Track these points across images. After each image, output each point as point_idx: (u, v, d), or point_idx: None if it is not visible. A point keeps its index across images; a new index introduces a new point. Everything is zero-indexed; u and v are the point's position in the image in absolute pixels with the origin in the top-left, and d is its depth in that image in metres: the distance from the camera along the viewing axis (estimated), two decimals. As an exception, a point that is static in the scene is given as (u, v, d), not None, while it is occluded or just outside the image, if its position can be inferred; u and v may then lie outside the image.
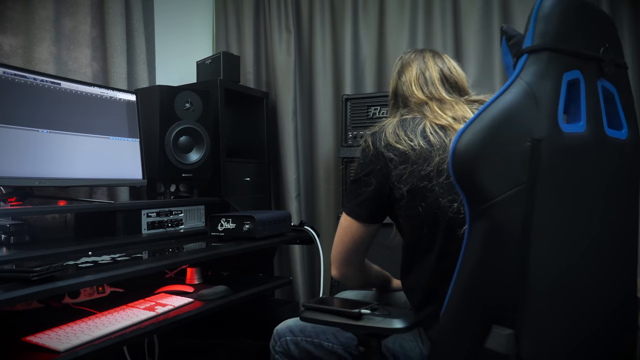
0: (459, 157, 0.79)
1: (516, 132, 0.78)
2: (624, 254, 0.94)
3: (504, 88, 0.80)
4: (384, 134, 1.11)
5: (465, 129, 0.80)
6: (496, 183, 0.77)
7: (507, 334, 0.77)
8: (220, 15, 2.81)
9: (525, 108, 0.78)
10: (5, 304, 0.95)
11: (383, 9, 2.45)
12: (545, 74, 0.80)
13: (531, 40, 0.81)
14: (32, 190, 1.59)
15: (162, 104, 1.91)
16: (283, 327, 1.30)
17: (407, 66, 1.24)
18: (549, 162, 0.78)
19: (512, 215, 0.77)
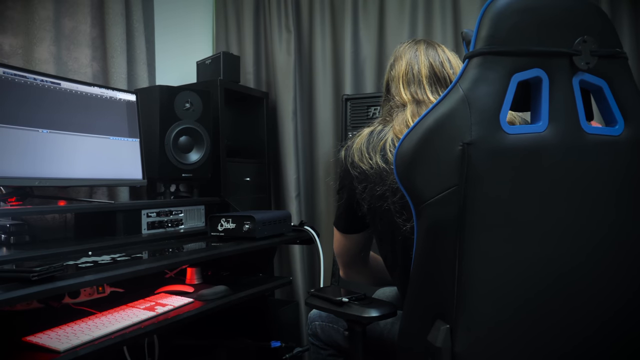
0: (399, 162, 0.87)
1: (448, 138, 0.81)
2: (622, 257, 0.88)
3: (442, 96, 0.84)
4: (352, 150, 1.15)
5: (405, 138, 0.86)
6: (430, 186, 0.83)
7: (444, 328, 0.81)
8: (220, 15, 2.81)
9: (458, 114, 0.81)
10: (5, 304, 0.95)
11: (383, 9, 2.45)
12: (482, 78, 0.81)
13: (473, 45, 0.82)
14: (32, 190, 1.59)
15: (162, 104, 1.91)
16: (315, 313, 1.41)
17: (399, 59, 1.21)
18: (486, 165, 0.80)
19: (445, 216, 0.81)
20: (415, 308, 0.92)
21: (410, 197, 0.86)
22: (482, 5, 2.24)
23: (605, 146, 0.86)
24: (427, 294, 0.88)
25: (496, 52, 0.81)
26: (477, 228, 0.80)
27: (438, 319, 0.83)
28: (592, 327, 0.88)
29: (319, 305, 1.18)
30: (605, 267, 0.88)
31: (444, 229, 0.82)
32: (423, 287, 0.89)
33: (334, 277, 2.10)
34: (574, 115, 0.84)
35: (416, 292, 0.91)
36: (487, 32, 0.81)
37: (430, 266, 0.86)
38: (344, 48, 2.50)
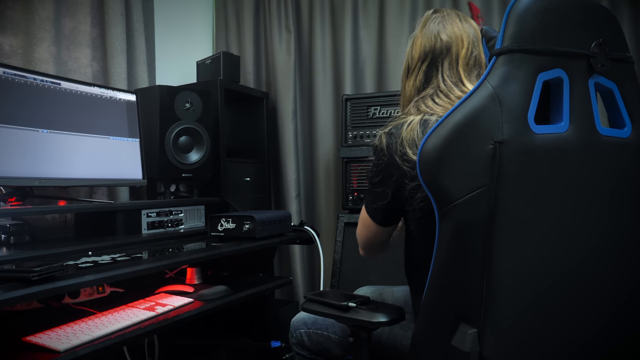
0: (424, 161, 0.83)
1: (478, 136, 0.79)
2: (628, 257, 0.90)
3: (470, 92, 0.82)
4: (400, 138, 1.01)
5: (431, 134, 0.82)
6: (459, 185, 0.80)
7: (471, 332, 0.79)
8: (220, 15, 2.81)
9: (488, 112, 0.79)
10: (5, 304, 0.95)
11: (383, 9, 2.45)
12: (511, 76, 0.80)
13: (501, 42, 0.81)
14: (32, 190, 1.59)
15: (162, 104, 1.91)
16: (298, 320, 1.35)
17: (452, 22, 1.09)
18: (516, 165, 0.79)
19: (475, 217, 0.79)
20: (435, 312, 0.88)
21: (435, 198, 0.83)
22: (481, 6, 2.26)
23: (617, 147, 0.88)
24: (450, 298, 0.84)
25: (524, 50, 0.80)
26: (506, 229, 0.78)
27: (462, 323, 0.80)
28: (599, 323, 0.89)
29: (319, 310, 1.13)
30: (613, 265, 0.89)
31: (473, 231, 0.79)
32: (445, 290, 0.85)
33: (334, 278, 2.10)
34: (590, 116, 0.85)
35: (436, 295, 0.87)
36: (513, 30, 0.80)
37: (455, 269, 0.83)
38: (344, 48, 2.50)
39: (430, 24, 1.11)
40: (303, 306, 1.17)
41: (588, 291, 0.87)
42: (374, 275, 1.97)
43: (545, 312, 0.83)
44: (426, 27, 1.11)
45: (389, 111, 2.16)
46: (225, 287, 1.57)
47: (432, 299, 0.88)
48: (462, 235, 0.81)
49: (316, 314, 1.16)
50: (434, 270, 0.86)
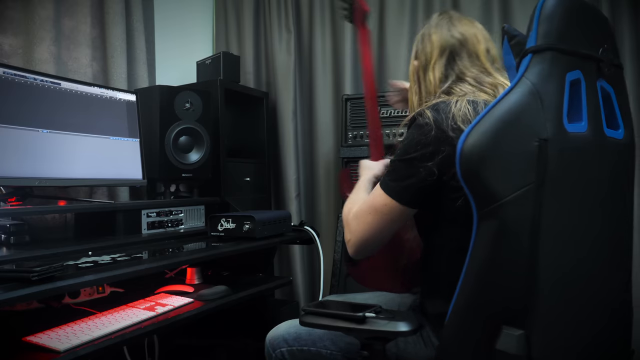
0: (466, 158, 0.79)
1: (523, 132, 0.78)
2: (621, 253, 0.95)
3: (510, 88, 0.80)
4: (451, 113, 0.98)
5: (471, 130, 0.79)
6: (504, 184, 0.77)
7: (518, 334, 0.76)
8: (220, 15, 2.81)
9: (531, 108, 0.78)
10: (5, 304, 0.95)
11: (383, 9, 2.45)
12: (550, 74, 0.80)
13: (535, 40, 0.81)
14: (32, 190, 1.59)
15: (162, 104, 1.91)
16: (276, 337, 1.22)
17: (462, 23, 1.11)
18: (556, 162, 0.78)
19: (521, 216, 0.77)
20: (471, 316, 0.84)
21: (477, 198, 0.80)
22: (481, 6, 2.26)
23: (617, 148, 0.91)
24: (490, 300, 0.81)
25: (557, 49, 0.80)
26: (549, 229, 0.78)
27: (505, 325, 0.78)
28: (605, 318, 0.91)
29: (324, 324, 1.00)
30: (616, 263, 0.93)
31: (518, 230, 0.77)
32: (484, 293, 0.82)
33: (334, 277, 2.10)
34: (600, 117, 0.87)
35: (473, 298, 0.83)
36: (545, 28, 0.80)
37: (497, 270, 0.80)
38: (344, 48, 2.50)
39: (442, 22, 1.14)
40: (303, 320, 1.02)
41: (601, 286, 0.89)
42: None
43: (576, 310, 0.84)
44: (438, 26, 1.14)
45: (389, 111, 2.16)
46: (225, 287, 1.57)
47: (467, 303, 0.84)
48: (506, 235, 0.78)
49: (320, 328, 1.04)
50: (469, 273, 0.83)
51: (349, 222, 1.12)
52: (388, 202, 1.02)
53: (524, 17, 2.13)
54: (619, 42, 2.02)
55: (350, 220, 1.11)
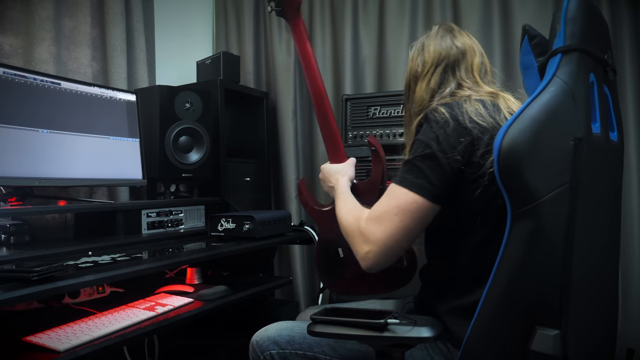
0: (505, 156, 0.77)
1: (560, 131, 0.78)
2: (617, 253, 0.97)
3: (543, 86, 0.79)
4: (463, 108, 1.00)
5: (508, 128, 0.77)
6: (542, 183, 0.76)
7: (555, 334, 0.76)
8: (220, 15, 2.81)
9: (566, 107, 0.78)
10: (5, 304, 0.95)
11: (383, 9, 2.45)
12: (578, 74, 0.81)
13: (563, 40, 0.81)
14: (32, 190, 1.59)
15: (162, 104, 1.91)
16: (264, 339, 1.15)
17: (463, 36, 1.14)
18: (587, 162, 0.79)
19: (557, 216, 0.76)
20: (501, 317, 0.83)
21: (514, 196, 0.78)
22: (481, 6, 2.26)
23: (615, 149, 0.93)
24: (523, 301, 0.80)
25: (584, 50, 0.80)
26: (581, 228, 0.78)
27: (538, 326, 0.78)
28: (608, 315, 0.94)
29: (340, 333, 0.93)
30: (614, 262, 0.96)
31: (555, 230, 0.76)
32: (516, 293, 0.80)
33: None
34: (607, 119, 0.89)
35: (503, 299, 0.82)
36: (572, 29, 0.80)
37: (532, 270, 0.79)
38: (344, 48, 2.50)
39: (441, 32, 1.16)
40: (311, 330, 0.95)
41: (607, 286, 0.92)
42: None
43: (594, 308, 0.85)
44: (437, 36, 1.15)
45: (389, 111, 2.16)
46: (225, 287, 1.57)
47: (497, 304, 0.83)
48: (543, 235, 0.77)
49: (332, 337, 0.99)
50: (500, 273, 0.81)
51: (365, 231, 1.02)
52: (417, 199, 0.97)
53: (524, 17, 2.13)
54: (619, 42, 2.02)
55: (369, 228, 1.02)
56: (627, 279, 1.98)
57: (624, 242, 1.99)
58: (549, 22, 0.86)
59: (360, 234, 1.04)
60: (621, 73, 2.01)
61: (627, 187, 2.01)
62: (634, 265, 1.98)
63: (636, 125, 1.99)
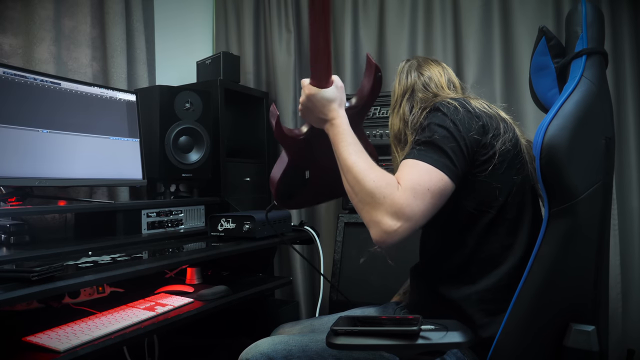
0: (548, 153, 0.77)
1: (593, 130, 0.79)
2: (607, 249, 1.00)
3: (574, 86, 0.80)
4: (466, 100, 1.06)
5: (549, 125, 0.78)
6: (580, 180, 0.77)
7: (591, 330, 0.77)
8: (220, 15, 2.81)
9: (596, 106, 0.80)
10: (5, 304, 0.95)
11: (383, 9, 2.45)
12: (601, 76, 0.83)
13: (586, 42, 0.83)
14: (32, 190, 1.59)
15: (162, 104, 1.91)
16: (257, 355, 1.05)
17: (429, 66, 1.24)
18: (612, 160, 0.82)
19: (592, 214, 0.78)
20: (533, 315, 0.83)
21: (553, 194, 0.78)
22: (481, 6, 2.26)
23: None
24: (557, 298, 0.81)
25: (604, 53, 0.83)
26: (609, 225, 0.80)
27: (572, 322, 0.78)
28: None
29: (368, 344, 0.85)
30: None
31: (591, 226, 0.77)
32: (551, 291, 0.81)
33: (334, 278, 2.10)
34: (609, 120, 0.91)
35: (538, 297, 0.82)
36: (592, 33, 0.83)
37: (568, 267, 0.79)
38: (344, 48, 2.50)
39: (406, 68, 1.25)
40: (333, 342, 0.86)
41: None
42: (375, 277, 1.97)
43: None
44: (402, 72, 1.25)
45: (389, 111, 2.15)
46: (225, 287, 1.57)
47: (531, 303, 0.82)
48: (579, 233, 0.78)
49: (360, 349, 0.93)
50: (534, 273, 0.81)
51: (401, 203, 0.91)
52: (443, 177, 0.93)
53: (524, 17, 2.13)
54: (619, 42, 2.02)
55: (408, 201, 0.91)
56: (627, 280, 1.98)
57: (624, 242, 1.99)
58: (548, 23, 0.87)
59: (393, 204, 0.91)
60: (621, 73, 2.01)
61: (627, 187, 2.01)
62: (634, 266, 1.98)
63: (636, 125, 1.99)
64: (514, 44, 2.18)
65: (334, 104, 1.07)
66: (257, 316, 2.02)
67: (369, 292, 1.96)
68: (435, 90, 1.19)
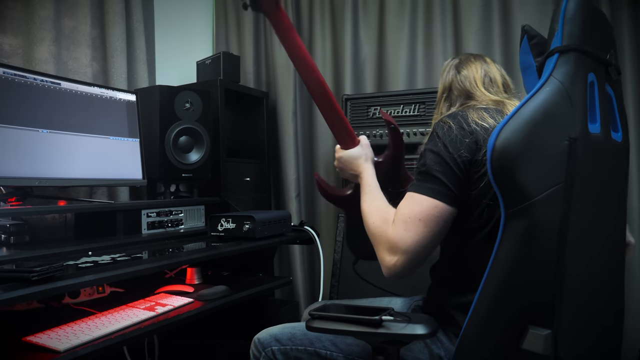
0: (499, 155, 0.78)
1: (554, 131, 0.78)
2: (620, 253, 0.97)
3: (538, 86, 0.80)
4: (466, 114, 1.06)
5: (503, 127, 0.78)
6: (535, 182, 0.77)
7: (545, 334, 0.77)
8: (220, 15, 2.81)
9: (561, 107, 0.78)
10: (5, 304, 0.95)
11: (383, 9, 2.45)
12: (576, 75, 0.81)
13: (560, 40, 0.81)
14: (32, 190, 1.59)
15: (162, 104, 1.91)
16: (266, 336, 1.19)
17: (469, 63, 1.22)
18: (582, 162, 0.79)
19: (550, 216, 0.77)
20: (494, 316, 0.84)
21: (507, 196, 0.79)
22: (481, 6, 2.26)
23: (618, 150, 0.93)
24: (516, 301, 0.81)
25: (581, 50, 0.80)
26: (576, 228, 0.78)
27: (531, 325, 0.78)
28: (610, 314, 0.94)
29: (337, 329, 0.95)
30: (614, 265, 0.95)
31: (547, 229, 0.77)
32: (510, 293, 0.81)
33: (334, 278, 2.10)
34: (608, 120, 0.89)
35: (497, 298, 0.82)
36: (570, 29, 0.80)
37: (525, 270, 0.79)
38: (344, 48, 2.50)
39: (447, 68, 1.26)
40: (310, 325, 0.97)
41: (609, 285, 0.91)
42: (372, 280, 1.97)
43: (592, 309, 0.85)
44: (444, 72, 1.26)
45: (389, 111, 2.16)
46: (225, 287, 1.57)
47: (490, 303, 0.83)
48: (537, 234, 0.78)
49: (330, 332, 1.00)
50: (493, 272, 0.82)
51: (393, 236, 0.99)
52: (437, 204, 0.98)
53: (524, 17, 2.13)
54: (619, 42, 2.02)
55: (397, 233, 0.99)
56: (627, 280, 1.98)
57: (624, 242, 1.99)
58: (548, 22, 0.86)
59: (387, 241, 1.01)
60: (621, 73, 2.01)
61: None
62: (634, 266, 1.98)
63: (636, 125, 1.99)
64: (514, 44, 2.18)
65: (360, 160, 1.22)
66: (257, 316, 2.02)
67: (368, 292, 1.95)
68: (469, 88, 1.18)
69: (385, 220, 1.04)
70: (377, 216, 1.07)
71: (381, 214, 1.06)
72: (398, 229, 0.99)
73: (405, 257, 0.98)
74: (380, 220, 1.05)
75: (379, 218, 1.06)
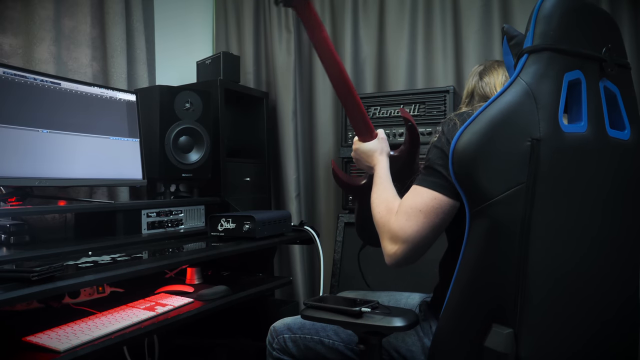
0: (458, 157, 0.80)
1: (515, 132, 0.78)
2: (627, 256, 0.93)
3: (504, 88, 0.81)
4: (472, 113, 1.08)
5: (464, 130, 0.80)
6: (495, 182, 0.78)
7: (506, 333, 0.78)
8: (220, 15, 2.81)
9: (524, 108, 0.79)
10: (5, 304, 0.95)
11: (383, 9, 2.45)
12: (545, 74, 0.80)
13: (531, 40, 0.81)
14: (32, 190, 1.59)
15: (162, 104, 1.91)
16: (280, 325, 1.30)
17: (492, 70, 1.24)
18: (550, 162, 0.79)
19: (511, 215, 0.78)
20: (462, 313, 0.86)
21: (469, 196, 0.81)
22: (481, 6, 2.26)
23: (620, 149, 0.90)
24: (480, 298, 0.83)
25: (554, 49, 0.81)
26: (541, 228, 0.78)
27: (495, 323, 0.79)
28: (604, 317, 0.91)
29: (323, 317, 1.04)
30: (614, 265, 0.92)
31: (509, 229, 0.78)
32: (475, 291, 0.83)
33: (334, 277, 2.10)
34: (602, 118, 0.87)
35: (464, 296, 0.85)
36: (542, 29, 0.80)
37: (488, 269, 0.81)
38: (344, 48, 2.50)
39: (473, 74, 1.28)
40: (303, 314, 1.07)
41: (599, 287, 0.89)
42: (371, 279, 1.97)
43: (572, 310, 0.84)
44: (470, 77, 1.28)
45: (389, 111, 2.16)
46: (225, 287, 1.57)
47: (458, 300, 0.86)
48: (497, 234, 0.79)
49: (320, 321, 1.08)
50: (461, 270, 0.84)
51: (394, 226, 1.03)
52: (437, 195, 0.99)
53: (524, 17, 2.13)
54: (619, 42, 2.02)
55: (399, 223, 1.02)
56: None
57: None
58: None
59: (389, 230, 1.04)
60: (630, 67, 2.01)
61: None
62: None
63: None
64: (514, 44, 2.18)
65: (376, 153, 1.25)
66: (257, 316, 2.03)
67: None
68: (488, 94, 1.20)
69: (389, 210, 1.08)
70: (383, 207, 1.11)
71: (387, 205, 1.10)
72: (400, 219, 1.02)
73: (405, 247, 1.01)
74: (385, 211, 1.09)
75: (385, 208, 1.10)
